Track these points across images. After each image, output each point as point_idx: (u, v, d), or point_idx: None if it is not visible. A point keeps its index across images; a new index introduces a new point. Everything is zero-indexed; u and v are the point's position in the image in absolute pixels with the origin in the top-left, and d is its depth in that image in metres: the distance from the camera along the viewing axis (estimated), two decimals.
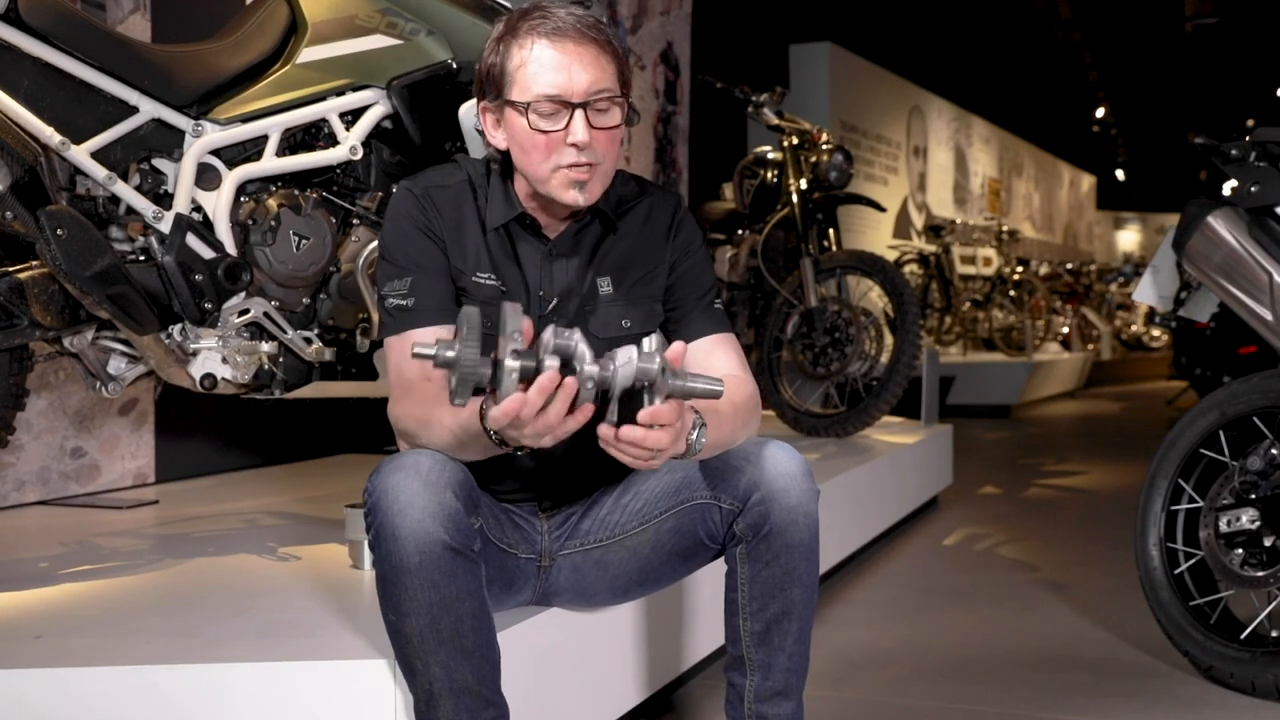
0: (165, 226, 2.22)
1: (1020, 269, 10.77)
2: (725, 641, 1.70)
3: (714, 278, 1.86)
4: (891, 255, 8.83)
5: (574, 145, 1.61)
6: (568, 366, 1.38)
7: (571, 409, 1.39)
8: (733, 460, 1.65)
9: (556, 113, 1.61)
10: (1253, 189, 2.56)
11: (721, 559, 1.74)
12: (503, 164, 1.74)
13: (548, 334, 1.37)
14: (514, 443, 1.46)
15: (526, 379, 1.36)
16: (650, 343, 1.39)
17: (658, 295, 1.81)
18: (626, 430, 1.41)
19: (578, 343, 1.38)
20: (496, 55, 1.65)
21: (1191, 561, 2.59)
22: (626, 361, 1.39)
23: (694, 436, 1.55)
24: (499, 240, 1.74)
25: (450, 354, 1.33)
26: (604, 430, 1.43)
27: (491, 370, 1.36)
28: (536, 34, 1.62)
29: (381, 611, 1.52)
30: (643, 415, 1.39)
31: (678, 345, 1.42)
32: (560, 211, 1.72)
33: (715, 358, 1.78)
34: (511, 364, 1.34)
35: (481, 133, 1.73)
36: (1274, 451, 2.46)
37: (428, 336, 1.63)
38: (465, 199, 1.74)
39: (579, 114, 1.61)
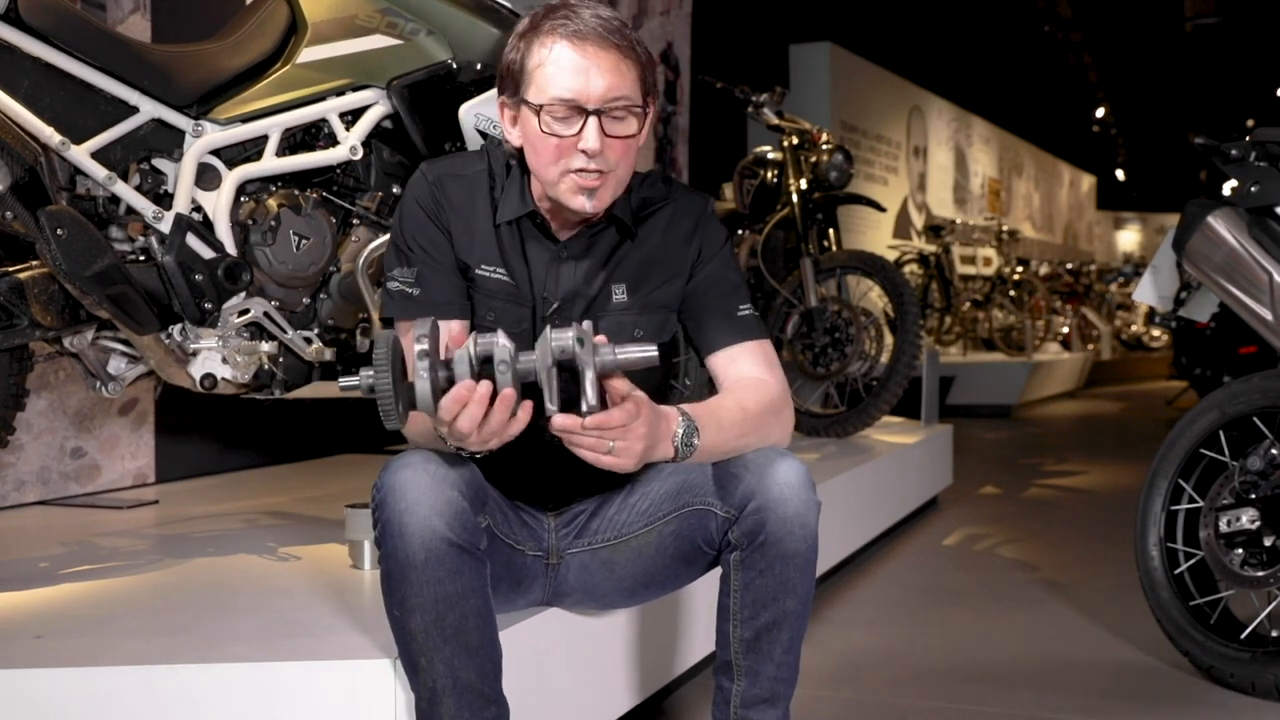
0: (165, 226, 2.22)
1: (1020, 269, 10.77)
2: (715, 645, 1.70)
3: (739, 283, 1.77)
4: (891, 255, 8.83)
5: (584, 152, 1.58)
6: (488, 366, 1.40)
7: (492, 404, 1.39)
8: (733, 468, 1.64)
9: (570, 117, 1.57)
10: (1253, 189, 2.56)
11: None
12: (521, 159, 1.70)
13: (469, 340, 1.40)
14: (469, 449, 1.47)
15: (441, 390, 1.40)
16: (576, 326, 1.41)
17: (673, 305, 1.76)
18: (559, 419, 1.40)
19: (498, 343, 1.40)
20: (517, 52, 1.62)
21: (1191, 561, 2.59)
22: (542, 341, 1.41)
23: (679, 436, 1.54)
24: (510, 235, 1.72)
25: (370, 383, 1.38)
26: (557, 420, 1.41)
27: (410, 392, 1.39)
28: (558, 34, 1.58)
29: (386, 608, 1.52)
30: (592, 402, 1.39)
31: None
32: (572, 216, 1.69)
33: (738, 364, 1.72)
34: (422, 383, 1.37)
35: (484, 134, 1.73)
36: (1274, 451, 2.46)
37: (426, 327, 1.64)
38: (480, 190, 1.71)
39: (592, 121, 1.57)
